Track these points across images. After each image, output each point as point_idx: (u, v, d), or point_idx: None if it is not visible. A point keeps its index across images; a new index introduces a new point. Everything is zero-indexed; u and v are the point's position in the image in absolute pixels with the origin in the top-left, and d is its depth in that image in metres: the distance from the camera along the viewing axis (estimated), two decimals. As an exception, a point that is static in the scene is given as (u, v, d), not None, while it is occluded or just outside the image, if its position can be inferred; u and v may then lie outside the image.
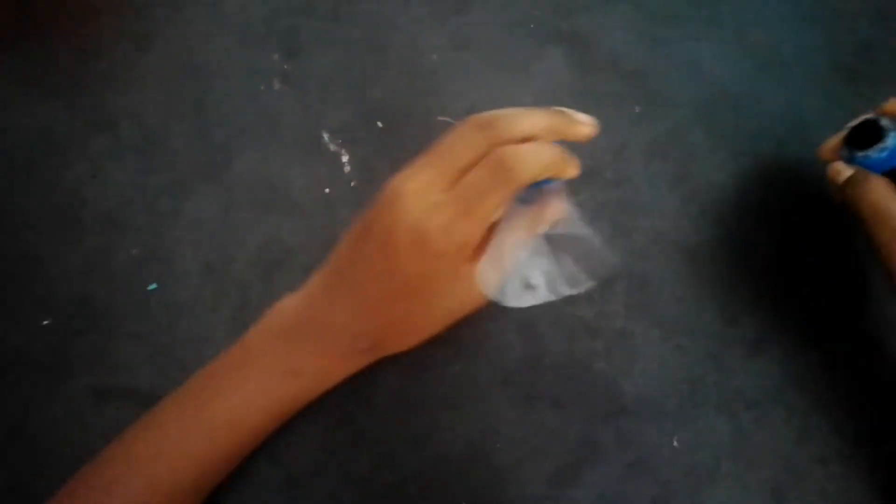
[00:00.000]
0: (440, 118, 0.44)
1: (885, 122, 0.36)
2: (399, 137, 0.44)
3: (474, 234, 0.31)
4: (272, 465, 0.37)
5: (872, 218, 0.35)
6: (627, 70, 0.46)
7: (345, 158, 0.43)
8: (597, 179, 0.43)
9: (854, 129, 0.38)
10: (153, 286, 0.40)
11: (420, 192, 0.31)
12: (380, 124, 0.44)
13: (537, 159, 0.31)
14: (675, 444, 0.39)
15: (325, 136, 0.44)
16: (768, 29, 0.48)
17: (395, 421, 0.39)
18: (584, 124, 0.33)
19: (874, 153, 0.36)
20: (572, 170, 0.33)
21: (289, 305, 0.36)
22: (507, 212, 0.32)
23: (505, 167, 0.30)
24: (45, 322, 0.39)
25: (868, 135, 0.37)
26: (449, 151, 0.31)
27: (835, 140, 0.39)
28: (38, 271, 0.40)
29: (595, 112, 0.45)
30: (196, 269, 0.41)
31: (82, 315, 0.40)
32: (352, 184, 0.43)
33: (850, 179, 0.36)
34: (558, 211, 0.33)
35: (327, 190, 0.43)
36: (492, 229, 0.32)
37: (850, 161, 0.37)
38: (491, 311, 0.40)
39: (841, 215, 0.44)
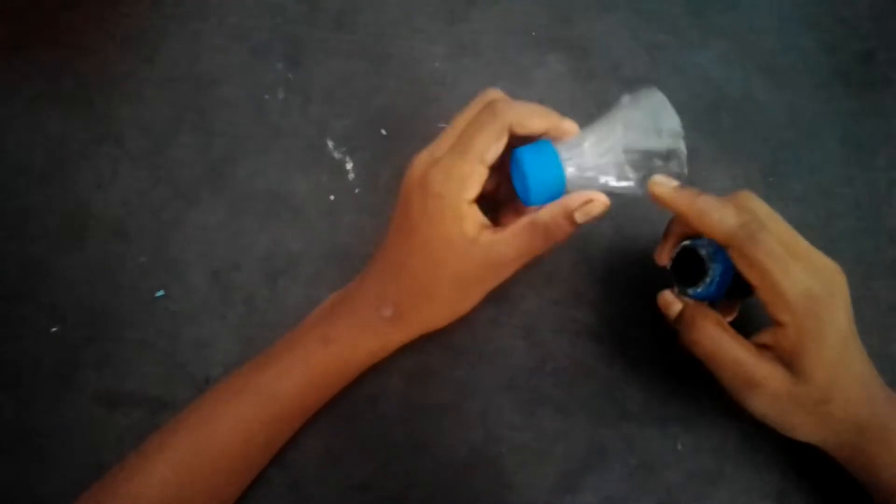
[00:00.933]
0: (442, 125, 0.44)
1: (703, 251, 0.34)
2: (402, 144, 0.44)
3: (471, 172, 0.33)
4: (278, 469, 0.38)
5: (708, 363, 0.33)
6: (627, 77, 0.46)
7: (349, 166, 0.44)
8: (598, 185, 0.44)
9: (675, 260, 0.36)
10: (160, 293, 0.41)
11: (427, 154, 0.34)
12: (383, 132, 0.45)
13: (522, 103, 0.34)
14: (678, 447, 0.39)
15: (330, 144, 0.44)
16: (768, 35, 0.48)
17: (399, 426, 0.39)
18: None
19: (701, 289, 0.34)
20: (560, 123, 0.35)
21: (335, 293, 0.39)
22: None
23: (493, 108, 0.33)
24: (53, 329, 0.40)
25: (691, 266, 0.35)
26: (454, 122, 0.35)
27: (666, 247, 0.37)
28: (46, 280, 0.41)
29: (596, 119, 0.45)
30: (202, 277, 0.41)
31: (90, 322, 0.40)
32: (356, 191, 0.43)
33: (679, 319, 0.34)
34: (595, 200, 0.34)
35: (332, 197, 0.43)
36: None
37: (680, 292, 0.36)
38: (494, 316, 0.41)
39: (839, 221, 0.44)
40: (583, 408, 0.40)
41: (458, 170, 0.33)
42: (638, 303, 0.42)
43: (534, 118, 0.34)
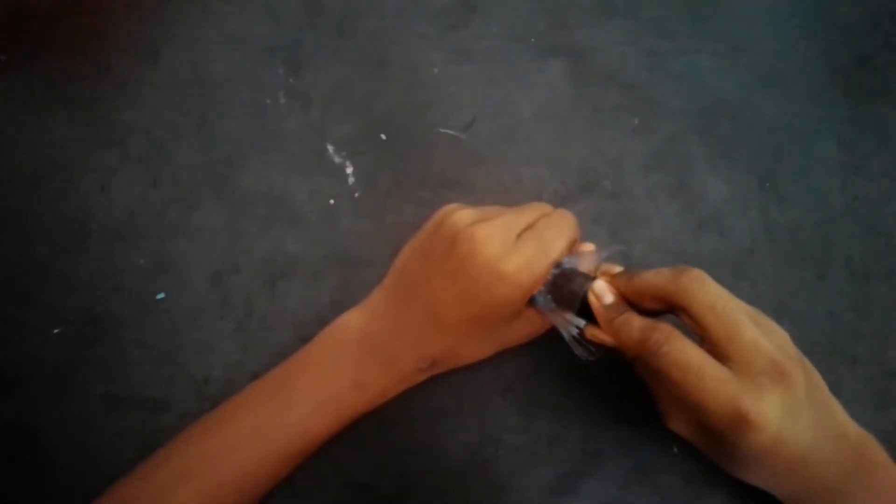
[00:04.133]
0: (441, 130, 0.45)
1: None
2: (402, 149, 0.45)
3: (546, 271, 0.35)
4: (276, 471, 0.38)
5: (680, 382, 0.31)
6: (626, 83, 0.47)
7: (349, 170, 0.44)
8: (596, 191, 0.44)
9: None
10: (160, 296, 0.41)
11: (499, 234, 0.34)
12: (383, 136, 0.45)
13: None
14: (674, 450, 0.39)
15: (330, 149, 0.45)
16: (766, 41, 0.49)
17: (397, 429, 0.39)
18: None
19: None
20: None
21: (353, 320, 0.38)
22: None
23: (569, 219, 0.36)
24: (55, 331, 0.40)
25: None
26: (520, 210, 0.36)
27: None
28: (49, 282, 0.41)
29: (594, 124, 0.46)
30: (202, 279, 0.42)
31: (91, 324, 0.40)
32: (355, 195, 0.44)
33: (645, 334, 0.32)
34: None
35: (331, 201, 0.43)
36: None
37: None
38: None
39: (838, 225, 0.44)
40: (579, 411, 0.40)
41: (539, 268, 0.34)
42: (635, 307, 0.42)
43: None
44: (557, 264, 0.35)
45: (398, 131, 0.45)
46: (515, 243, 0.34)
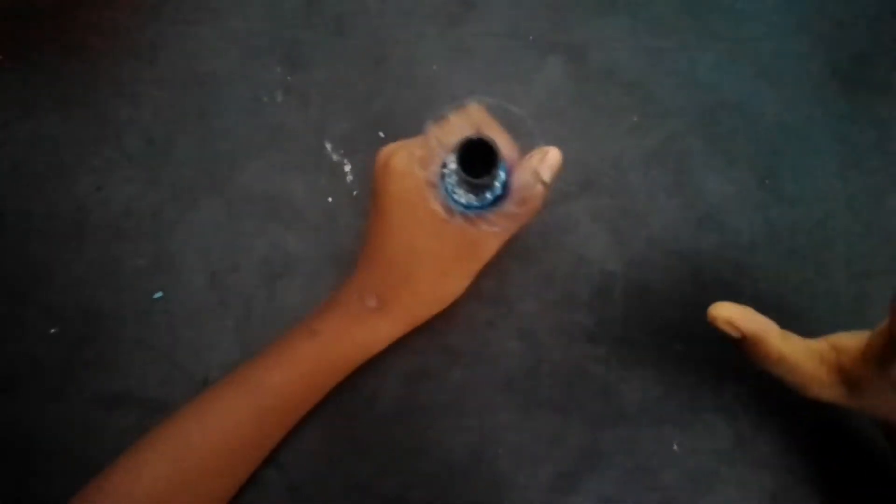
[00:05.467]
0: (440, 128, 0.45)
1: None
2: (400, 147, 0.45)
3: (426, 153, 0.33)
4: (275, 471, 0.38)
5: (781, 373, 0.35)
6: (625, 80, 0.47)
7: (347, 168, 0.44)
8: (595, 188, 0.44)
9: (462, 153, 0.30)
10: (158, 295, 0.41)
11: (396, 143, 0.35)
12: (381, 134, 0.45)
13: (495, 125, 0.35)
14: (674, 448, 0.39)
15: (328, 147, 0.44)
16: (765, 38, 0.49)
17: (397, 427, 0.39)
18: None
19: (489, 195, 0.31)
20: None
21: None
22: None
23: (467, 109, 0.34)
24: (52, 330, 0.40)
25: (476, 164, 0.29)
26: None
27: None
28: (46, 280, 0.41)
29: (593, 121, 0.46)
30: (200, 278, 0.41)
31: (89, 323, 0.40)
32: (354, 193, 0.44)
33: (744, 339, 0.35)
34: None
35: (330, 199, 0.43)
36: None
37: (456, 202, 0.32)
38: (491, 318, 0.41)
39: (835, 223, 0.44)
40: (579, 409, 0.40)
41: (420, 150, 0.33)
42: (633, 304, 0.42)
43: (497, 134, 0.34)
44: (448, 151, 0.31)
45: (397, 129, 0.45)
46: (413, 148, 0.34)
